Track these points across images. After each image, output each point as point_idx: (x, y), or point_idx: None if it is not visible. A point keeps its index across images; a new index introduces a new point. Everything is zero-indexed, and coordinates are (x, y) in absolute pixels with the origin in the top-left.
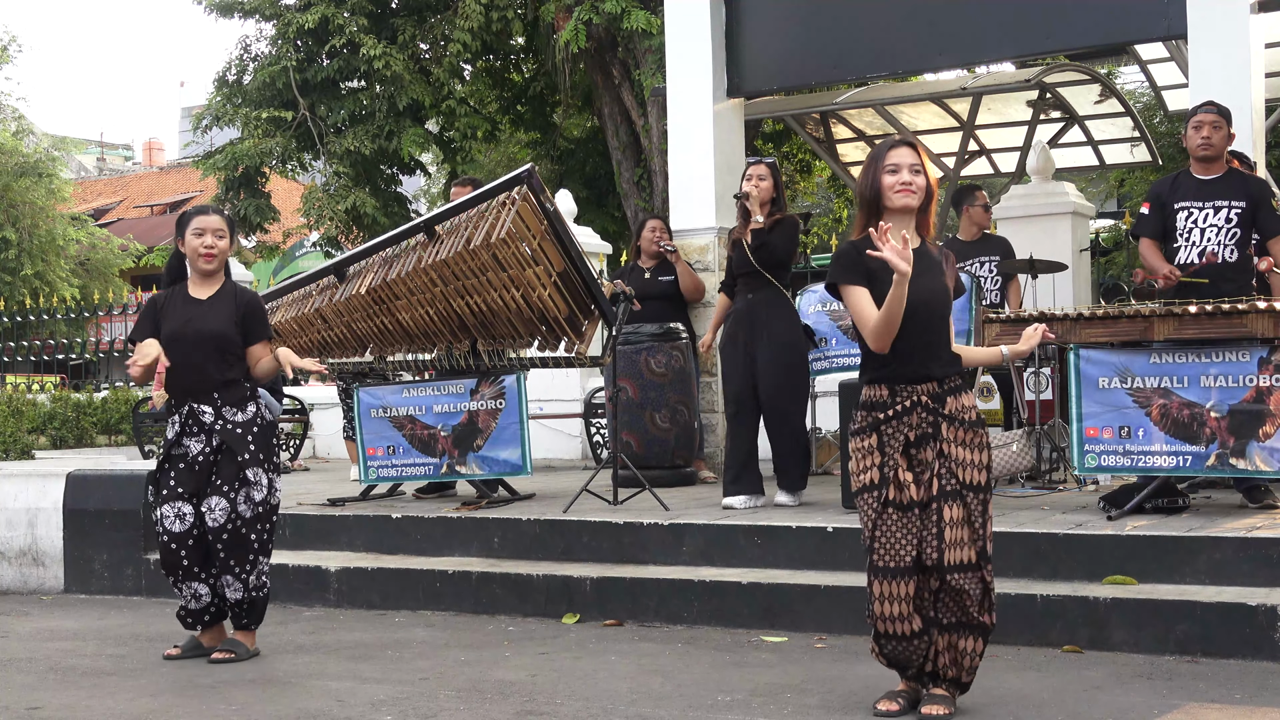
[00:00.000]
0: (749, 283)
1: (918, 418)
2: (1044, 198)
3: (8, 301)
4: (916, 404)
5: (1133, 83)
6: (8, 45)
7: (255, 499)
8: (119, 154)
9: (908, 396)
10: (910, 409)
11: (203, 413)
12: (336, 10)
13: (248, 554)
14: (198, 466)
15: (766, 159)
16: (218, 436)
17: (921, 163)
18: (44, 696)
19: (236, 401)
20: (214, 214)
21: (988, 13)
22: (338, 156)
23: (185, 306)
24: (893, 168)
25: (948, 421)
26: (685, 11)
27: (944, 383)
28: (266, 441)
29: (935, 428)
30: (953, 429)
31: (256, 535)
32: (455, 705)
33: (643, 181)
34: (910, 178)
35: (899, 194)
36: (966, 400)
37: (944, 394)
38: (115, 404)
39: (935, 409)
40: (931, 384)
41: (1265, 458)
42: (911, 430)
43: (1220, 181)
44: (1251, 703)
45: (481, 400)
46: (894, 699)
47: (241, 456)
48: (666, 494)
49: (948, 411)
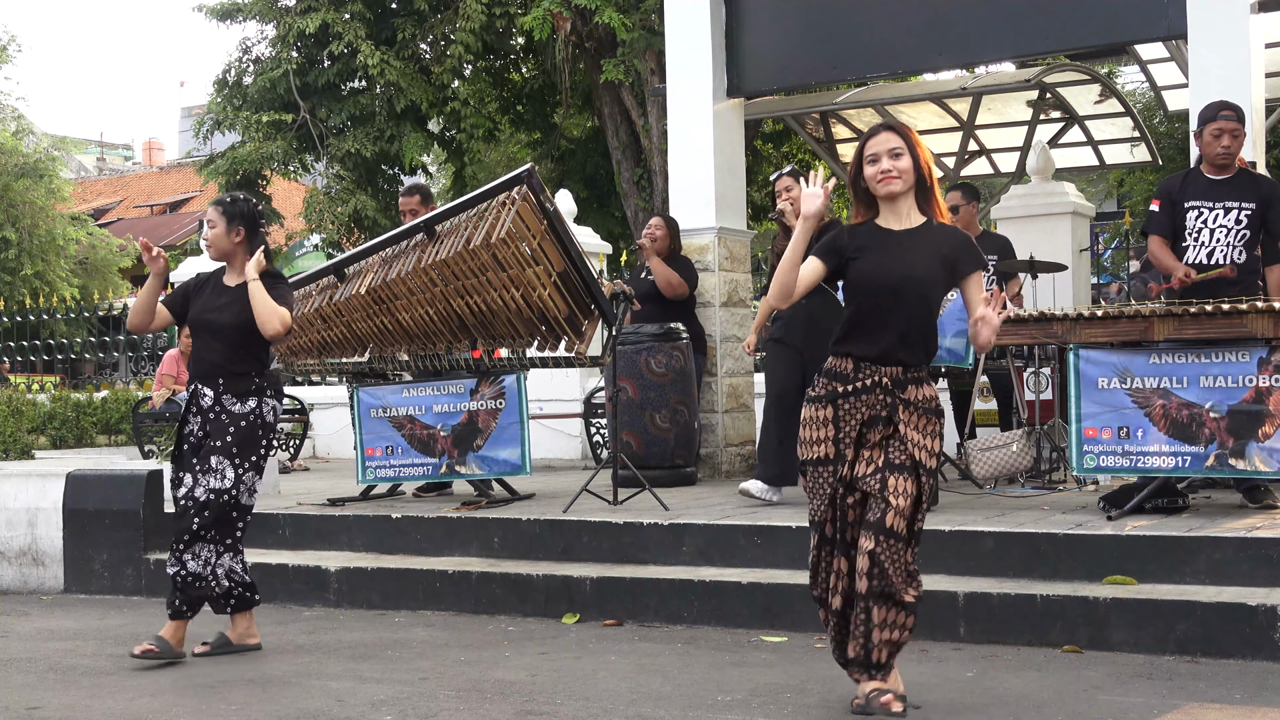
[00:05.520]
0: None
1: (875, 399)
2: (1044, 198)
3: (8, 301)
4: (877, 384)
5: (1133, 83)
6: (7, 45)
7: (211, 486)
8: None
9: (870, 375)
10: (870, 388)
11: (204, 395)
12: (336, 15)
13: (184, 534)
14: (187, 446)
15: (789, 169)
16: (209, 423)
17: (903, 145)
18: (44, 696)
19: (239, 393)
20: (210, 205)
21: (987, 13)
22: (338, 159)
23: (213, 294)
24: (872, 158)
25: (905, 405)
26: (685, 11)
27: (909, 370)
28: (249, 438)
29: (892, 410)
30: (909, 412)
31: (201, 522)
32: (455, 705)
33: (643, 181)
34: (890, 164)
35: (881, 183)
36: (928, 390)
37: (906, 381)
38: (115, 404)
39: (894, 393)
40: (896, 369)
41: (1264, 458)
42: (867, 409)
43: (1231, 182)
44: (1251, 703)
45: (481, 400)
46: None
47: (215, 443)
48: (666, 494)
49: (906, 396)
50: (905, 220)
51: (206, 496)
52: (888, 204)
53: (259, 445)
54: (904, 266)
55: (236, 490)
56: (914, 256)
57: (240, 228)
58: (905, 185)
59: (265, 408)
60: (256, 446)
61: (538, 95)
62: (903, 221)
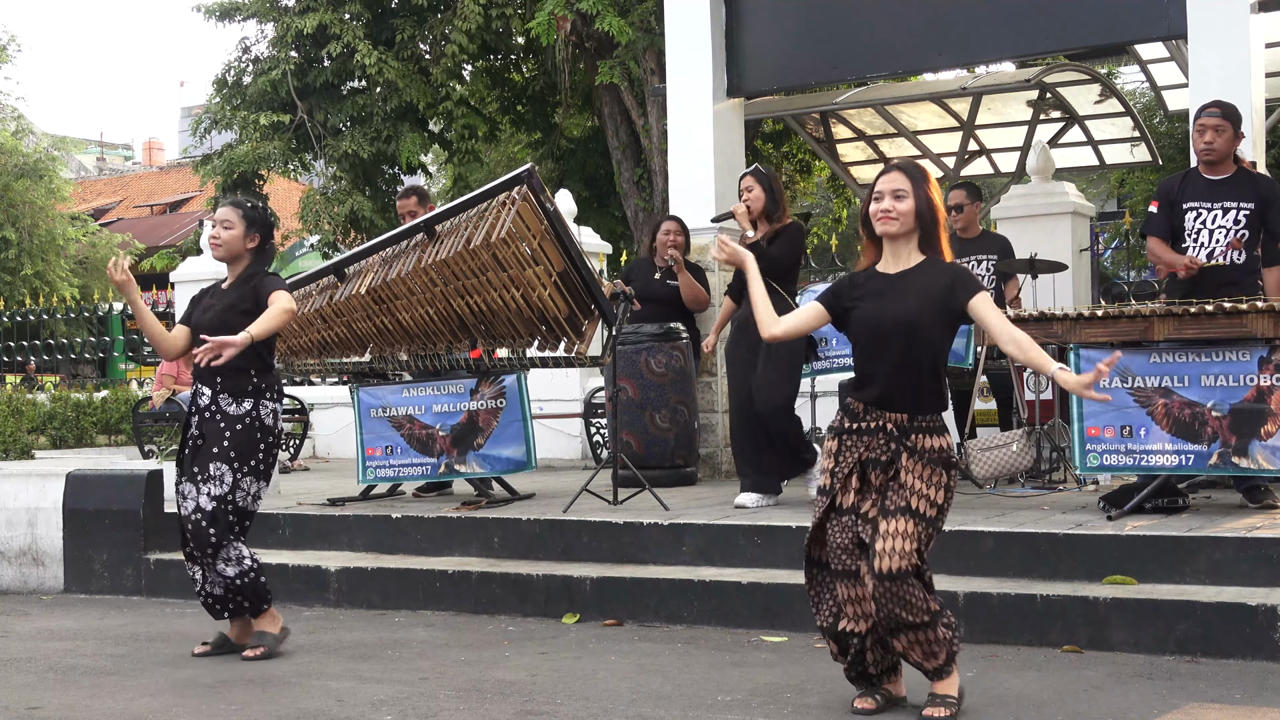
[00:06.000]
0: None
1: (877, 442)
2: (1044, 198)
3: (8, 301)
4: (880, 429)
5: (1133, 83)
6: (7, 45)
7: (212, 493)
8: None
9: (875, 419)
10: (873, 431)
11: (202, 395)
12: (334, 15)
13: (206, 546)
14: (188, 449)
15: (753, 168)
16: (205, 425)
17: (908, 188)
18: (44, 696)
19: (236, 392)
20: (226, 205)
21: (987, 13)
22: (336, 160)
23: (212, 296)
24: (877, 195)
25: (909, 453)
26: (685, 11)
27: (915, 419)
28: (247, 441)
29: (895, 456)
30: (913, 461)
31: (216, 530)
32: (455, 705)
33: (643, 181)
34: (890, 204)
35: (879, 222)
36: (939, 442)
37: (912, 429)
38: (115, 404)
39: (900, 440)
40: (901, 416)
41: (1268, 456)
42: (866, 450)
43: (1229, 182)
44: (1251, 703)
45: (482, 400)
46: (869, 697)
47: (213, 449)
48: (666, 494)
49: (912, 444)
50: (903, 262)
51: (212, 506)
52: (887, 243)
53: (257, 449)
54: (893, 311)
55: (233, 495)
56: (904, 300)
57: (257, 234)
58: (902, 228)
59: (263, 410)
60: (255, 450)
61: (538, 95)
62: (900, 263)
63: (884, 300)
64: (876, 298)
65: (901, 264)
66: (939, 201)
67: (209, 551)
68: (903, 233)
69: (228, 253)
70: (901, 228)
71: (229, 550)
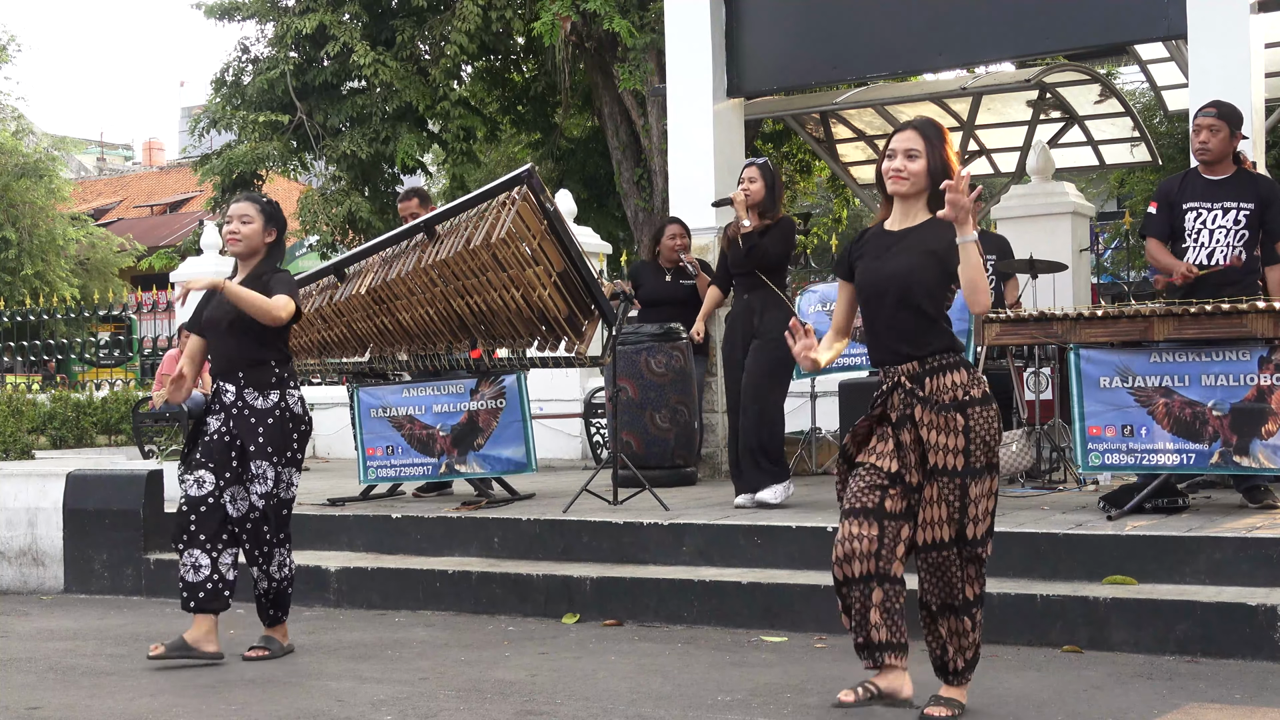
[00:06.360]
0: (744, 283)
1: (898, 399)
2: (1044, 198)
3: (8, 301)
4: (897, 385)
5: (1133, 83)
6: (7, 45)
7: (259, 492)
8: (119, 154)
9: (891, 377)
10: (892, 389)
11: (225, 391)
12: (333, 16)
13: (262, 544)
14: (214, 441)
15: (759, 160)
16: (234, 420)
17: (920, 147)
18: (44, 696)
19: (260, 385)
20: (243, 200)
21: (987, 13)
22: (335, 160)
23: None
24: (890, 153)
25: (922, 404)
26: (685, 11)
27: (925, 361)
28: (281, 433)
29: (911, 409)
30: (927, 412)
31: (270, 527)
32: (455, 705)
33: (643, 181)
34: (903, 163)
35: (890, 180)
36: (950, 379)
37: (924, 374)
38: (115, 404)
39: (913, 390)
40: (911, 364)
41: (1269, 455)
42: (893, 411)
43: (1229, 182)
44: (1251, 703)
45: (482, 400)
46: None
47: (249, 447)
48: (666, 494)
49: (925, 393)
50: (909, 220)
51: (263, 505)
52: (898, 202)
53: (291, 439)
54: (887, 267)
55: (276, 489)
56: (900, 256)
57: (274, 230)
58: (912, 187)
59: (290, 399)
60: (289, 441)
61: (538, 96)
62: (906, 222)
63: (878, 259)
64: (872, 257)
65: (907, 222)
66: (955, 164)
67: (264, 550)
68: (913, 192)
69: (247, 247)
70: (912, 187)
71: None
